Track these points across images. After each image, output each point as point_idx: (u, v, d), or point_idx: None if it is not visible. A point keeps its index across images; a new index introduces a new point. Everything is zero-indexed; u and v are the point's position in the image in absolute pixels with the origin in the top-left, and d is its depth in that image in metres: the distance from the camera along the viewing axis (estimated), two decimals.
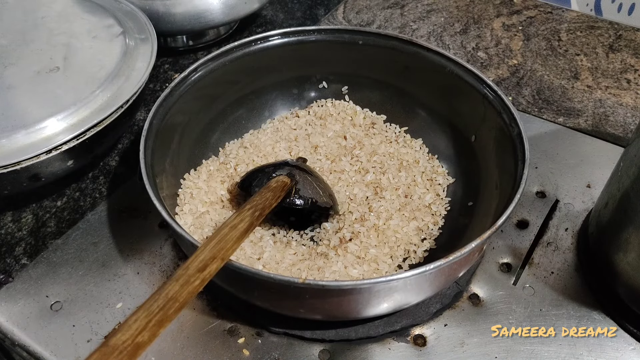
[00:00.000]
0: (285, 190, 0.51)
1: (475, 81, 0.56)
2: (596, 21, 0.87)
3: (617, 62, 0.78)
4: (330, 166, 0.59)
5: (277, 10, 0.91)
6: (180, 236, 0.43)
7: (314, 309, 0.45)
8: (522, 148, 0.48)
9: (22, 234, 0.57)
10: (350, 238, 0.52)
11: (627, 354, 0.48)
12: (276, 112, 0.66)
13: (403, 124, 0.64)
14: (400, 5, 0.91)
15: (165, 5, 0.71)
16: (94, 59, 0.58)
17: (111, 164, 0.64)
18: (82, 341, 0.48)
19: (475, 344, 0.48)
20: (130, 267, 0.54)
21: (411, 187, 0.57)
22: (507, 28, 0.86)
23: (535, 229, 0.57)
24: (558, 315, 0.50)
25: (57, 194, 0.61)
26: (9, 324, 0.49)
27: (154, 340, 0.32)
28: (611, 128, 0.69)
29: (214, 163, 0.59)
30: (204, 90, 0.58)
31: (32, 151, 0.49)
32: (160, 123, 0.52)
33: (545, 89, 0.74)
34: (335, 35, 0.62)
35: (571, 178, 0.62)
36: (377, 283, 0.40)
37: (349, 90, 0.66)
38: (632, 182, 0.45)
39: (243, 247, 0.51)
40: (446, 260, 0.40)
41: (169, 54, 0.80)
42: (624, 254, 0.47)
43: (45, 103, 0.53)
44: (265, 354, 0.48)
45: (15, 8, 0.64)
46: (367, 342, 0.48)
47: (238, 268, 0.40)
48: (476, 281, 0.53)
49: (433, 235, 0.54)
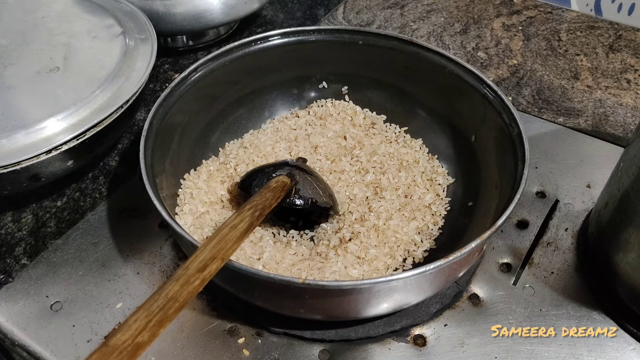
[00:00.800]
0: (285, 191, 0.51)
1: (475, 81, 0.56)
2: (596, 21, 0.87)
3: (617, 62, 0.78)
4: (330, 166, 0.59)
5: (277, 10, 0.91)
6: (180, 236, 0.43)
7: (314, 309, 0.45)
8: (522, 148, 0.48)
9: (22, 234, 0.57)
10: (350, 238, 0.52)
11: (627, 354, 0.48)
12: (276, 112, 0.66)
13: (403, 124, 0.64)
14: (400, 5, 0.91)
15: (165, 5, 0.72)
16: (94, 59, 0.58)
17: (111, 164, 0.64)
18: (82, 341, 0.48)
19: (475, 344, 0.48)
20: (130, 267, 0.54)
21: (411, 187, 0.57)
22: (507, 28, 0.86)
23: (535, 229, 0.57)
24: (558, 315, 0.50)
25: (57, 194, 0.61)
26: (9, 324, 0.49)
27: (154, 341, 0.32)
28: (611, 128, 0.69)
29: (214, 163, 0.59)
30: (204, 90, 0.58)
31: (32, 151, 0.49)
32: (160, 123, 0.52)
33: (545, 89, 0.74)
34: (335, 35, 0.62)
35: (571, 178, 0.62)
36: (377, 283, 0.40)
37: (349, 90, 0.66)
38: (632, 182, 0.45)
39: (243, 247, 0.51)
40: (446, 260, 0.40)
41: (169, 54, 0.80)
42: (624, 254, 0.47)
43: (45, 103, 0.53)
44: (265, 354, 0.48)
45: (15, 8, 0.64)
46: (367, 342, 0.48)
47: (238, 268, 0.40)
48: (476, 281, 0.53)
49: (433, 235, 0.54)
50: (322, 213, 0.55)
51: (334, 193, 0.56)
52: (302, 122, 0.64)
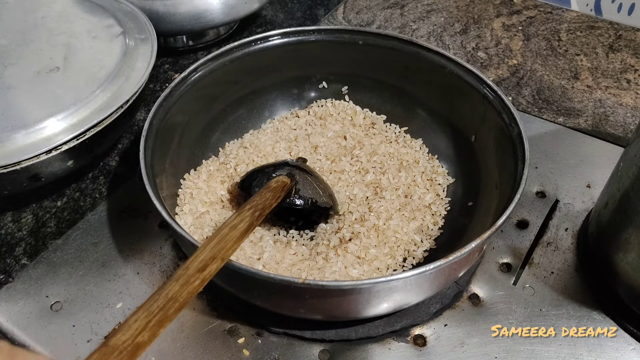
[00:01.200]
0: (285, 190, 0.51)
1: (475, 81, 0.56)
2: (596, 21, 0.87)
3: (617, 62, 0.78)
4: (330, 166, 0.59)
5: (277, 10, 0.91)
6: (180, 236, 0.43)
7: (314, 309, 0.45)
8: (522, 148, 0.48)
9: (22, 234, 0.57)
10: (350, 238, 0.52)
11: (627, 354, 0.48)
12: (276, 112, 0.66)
13: (403, 124, 0.64)
14: (400, 5, 0.91)
15: (165, 5, 0.72)
16: (94, 59, 0.58)
17: (111, 164, 0.64)
18: (82, 341, 0.48)
19: (475, 344, 0.48)
20: (130, 267, 0.54)
21: (411, 187, 0.57)
22: (507, 28, 0.86)
23: (535, 229, 0.57)
24: (558, 315, 0.50)
25: (57, 194, 0.61)
26: (9, 324, 0.49)
27: (154, 340, 0.32)
28: (611, 128, 0.69)
29: (214, 163, 0.59)
30: (204, 90, 0.58)
31: (32, 151, 0.49)
32: (160, 123, 0.52)
33: (545, 89, 0.74)
34: (335, 35, 0.62)
35: (571, 178, 0.62)
36: (377, 283, 0.40)
37: (349, 90, 0.66)
38: (632, 182, 0.45)
39: (243, 247, 0.51)
40: (446, 260, 0.40)
41: (169, 54, 0.80)
42: (624, 254, 0.47)
43: (45, 103, 0.53)
44: (265, 354, 0.48)
45: (15, 8, 0.64)
46: (367, 342, 0.48)
47: (238, 268, 0.40)
48: (476, 281, 0.53)
49: (433, 235, 0.54)
50: (322, 213, 0.55)
51: (334, 193, 0.56)
52: (302, 122, 0.64)
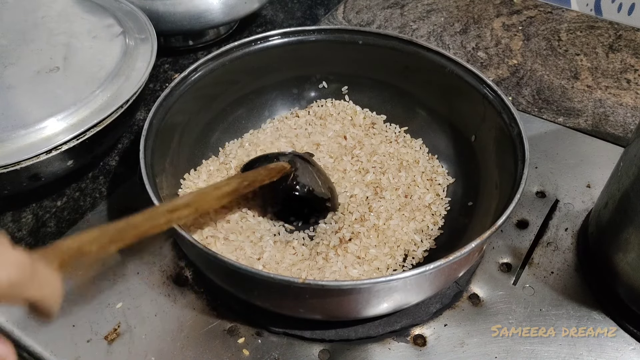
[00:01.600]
0: (281, 173, 0.51)
1: (475, 81, 0.56)
2: (596, 21, 0.87)
3: (617, 62, 0.78)
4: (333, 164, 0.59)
5: (277, 10, 0.91)
6: (180, 236, 0.43)
7: (313, 309, 0.45)
8: (522, 148, 0.49)
9: (22, 234, 0.57)
10: (350, 238, 0.52)
11: (627, 354, 0.48)
12: (276, 112, 0.66)
13: (403, 124, 0.64)
14: (400, 5, 0.91)
15: (165, 5, 0.72)
16: (94, 59, 0.58)
17: (111, 164, 0.64)
18: (82, 341, 0.48)
19: (475, 344, 0.48)
20: (130, 267, 0.54)
21: (411, 187, 0.57)
22: (507, 28, 0.86)
23: (535, 229, 0.57)
24: (558, 315, 0.50)
25: (57, 194, 0.61)
26: (9, 324, 0.49)
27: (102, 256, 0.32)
28: (611, 128, 0.69)
29: (214, 163, 0.59)
30: (204, 90, 0.58)
31: (32, 151, 0.49)
32: (160, 123, 0.52)
33: (545, 89, 0.74)
34: (335, 35, 0.62)
35: (571, 178, 0.62)
36: (377, 283, 0.40)
37: (349, 90, 0.66)
38: (632, 182, 0.45)
39: (243, 247, 0.51)
40: (446, 260, 0.40)
41: (169, 54, 0.80)
42: (624, 254, 0.47)
43: (45, 103, 0.53)
44: (265, 354, 0.48)
45: (15, 8, 0.64)
46: (367, 342, 0.48)
47: (238, 268, 0.40)
48: (476, 281, 0.53)
49: (433, 235, 0.54)
50: (320, 205, 0.55)
51: (334, 187, 0.56)
52: (302, 122, 0.64)
